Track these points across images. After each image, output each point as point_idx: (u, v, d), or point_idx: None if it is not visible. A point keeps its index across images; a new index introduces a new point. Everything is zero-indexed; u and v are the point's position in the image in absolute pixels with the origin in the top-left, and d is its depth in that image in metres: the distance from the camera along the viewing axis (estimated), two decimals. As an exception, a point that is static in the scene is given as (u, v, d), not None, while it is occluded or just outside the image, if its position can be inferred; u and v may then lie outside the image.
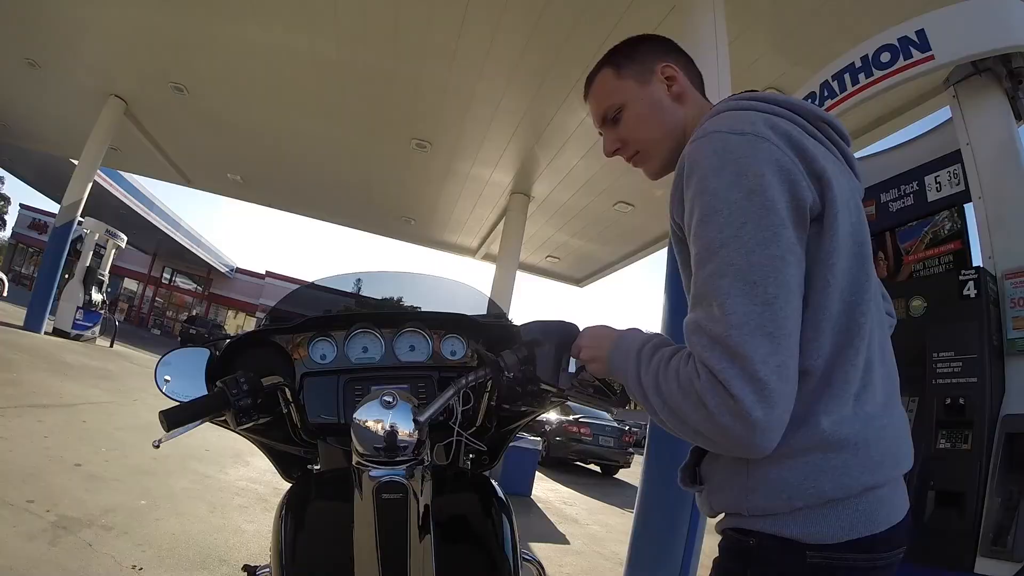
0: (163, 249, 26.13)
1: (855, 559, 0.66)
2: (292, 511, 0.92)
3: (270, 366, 1.04)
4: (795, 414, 0.64)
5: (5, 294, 14.81)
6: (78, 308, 9.64)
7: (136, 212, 18.53)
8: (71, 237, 9.01)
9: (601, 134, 0.94)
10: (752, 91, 0.84)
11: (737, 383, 0.60)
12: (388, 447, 0.74)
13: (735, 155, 0.68)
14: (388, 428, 0.74)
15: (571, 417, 9.73)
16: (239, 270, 30.57)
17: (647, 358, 0.72)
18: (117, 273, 24.29)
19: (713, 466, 0.76)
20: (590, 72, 0.94)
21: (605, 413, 10.19)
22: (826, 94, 2.30)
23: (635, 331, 0.80)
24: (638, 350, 0.74)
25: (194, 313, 28.45)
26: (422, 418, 0.76)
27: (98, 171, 9.84)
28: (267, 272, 30.40)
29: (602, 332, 0.82)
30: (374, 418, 0.74)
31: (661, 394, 0.68)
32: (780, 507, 0.67)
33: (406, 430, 0.75)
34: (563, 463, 9.82)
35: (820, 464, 0.66)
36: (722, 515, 0.76)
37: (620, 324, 1.07)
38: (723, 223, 0.65)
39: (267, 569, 1.05)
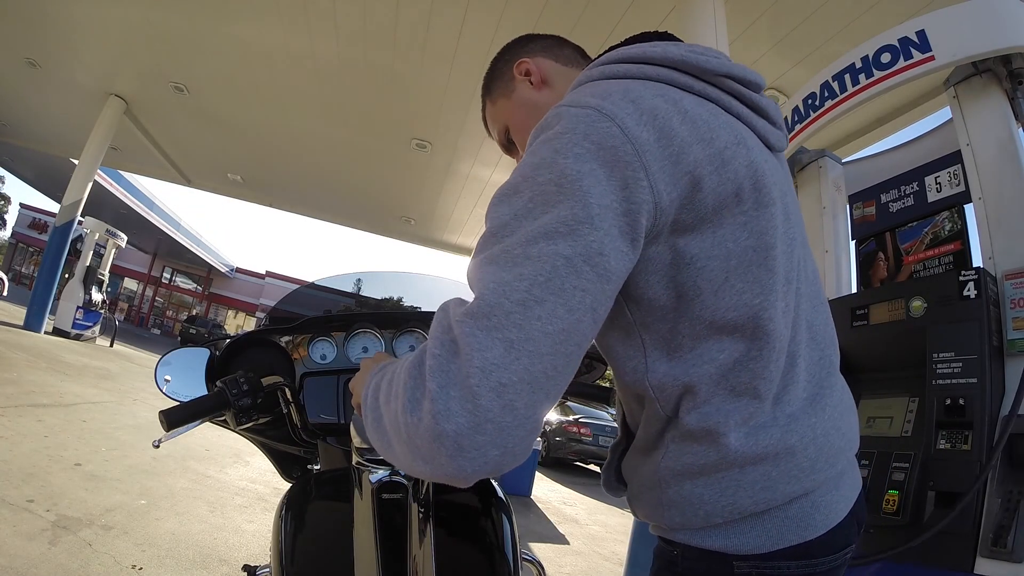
0: (163, 249, 26.16)
1: (788, 566, 0.59)
2: (292, 511, 0.92)
3: (270, 366, 1.04)
4: (697, 429, 0.58)
5: (5, 293, 14.83)
6: (78, 308, 9.65)
7: (136, 212, 18.55)
8: (71, 237, 9.02)
9: None
10: (634, 37, 0.70)
11: (442, 379, 0.47)
12: None
13: (563, 130, 0.54)
14: None
15: (571, 417, 9.73)
16: (239, 270, 30.60)
17: (376, 371, 0.61)
18: (117, 273, 24.32)
19: (631, 472, 0.69)
20: None
21: (605, 414, 10.20)
22: (826, 94, 2.30)
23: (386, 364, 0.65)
24: (378, 368, 0.62)
25: (194, 313, 28.45)
26: None
27: (98, 171, 9.84)
28: (267, 272, 30.44)
29: (376, 359, 0.70)
30: None
31: (369, 397, 0.57)
32: (699, 523, 0.60)
33: None
34: (563, 463, 9.82)
35: (736, 480, 0.58)
36: None
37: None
38: (520, 207, 0.52)
39: (267, 569, 1.05)
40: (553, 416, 9.71)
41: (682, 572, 0.63)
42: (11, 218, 31.39)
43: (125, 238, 11.56)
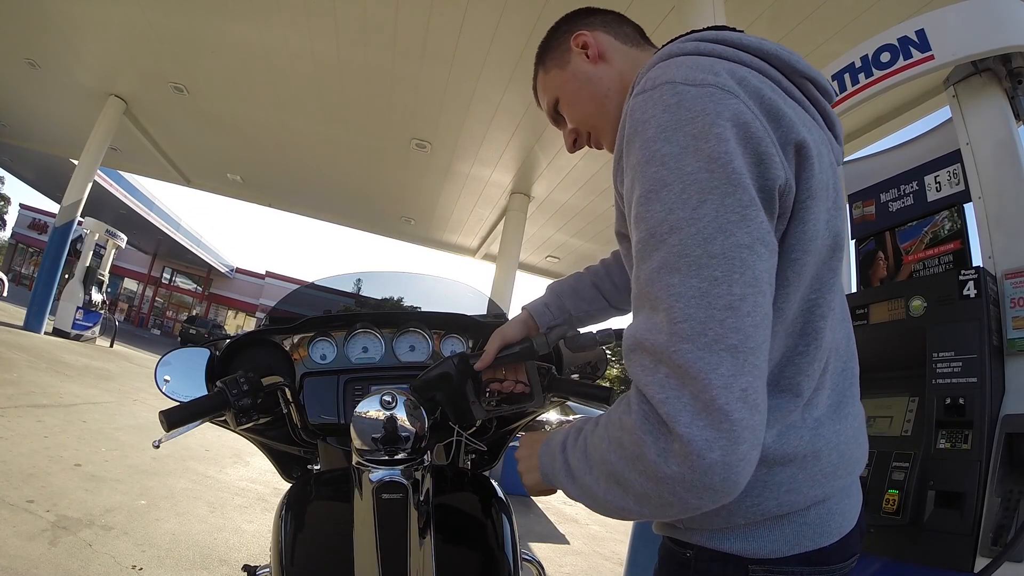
0: (163, 249, 26.15)
1: (802, 571, 0.59)
2: (292, 511, 0.92)
3: (270, 366, 1.04)
4: None
5: (5, 294, 14.82)
6: (78, 308, 9.65)
7: (136, 212, 18.54)
8: (71, 237, 9.01)
9: None
10: (715, 27, 0.70)
11: (685, 416, 0.46)
12: (387, 438, 0.74)
13: (693, 112, 0.52)
14: (387, 418, 0.74)
15: (571, 417, 9.73)
16: (239, 270, 30.59)
17: (572, 440, 0.61)
18: (117, 273, 24.33)
19: None
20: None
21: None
22: (826, 94, 2.31)
23: (561, 429, 0.67)
24: (563, 440, 0.63)
25: (194, 313, 28.46)
26: (417, 383, 0.78)
27: (98, 171, 9.84)
28: (267, 272, 30.43)
29: (533, 438, 0.72)
30: (373, 410, 0.75)
31: (592, 467, 0.55)
32: (718, 523, 0.59)
33: (406, 421, 0.75)
34: (563, 463, 9.80)
35: (763, 480, 0.57)
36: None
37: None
38: (674, 201, 0.51)
39: (267, 569, 1.05)
40: (553, 416, 9.71)
41: (695, 573, 0.62)
42: (11, 218, 31.40)
43: (125, 238, 11.56)
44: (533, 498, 6.25)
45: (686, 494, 0.48)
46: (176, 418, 0.81)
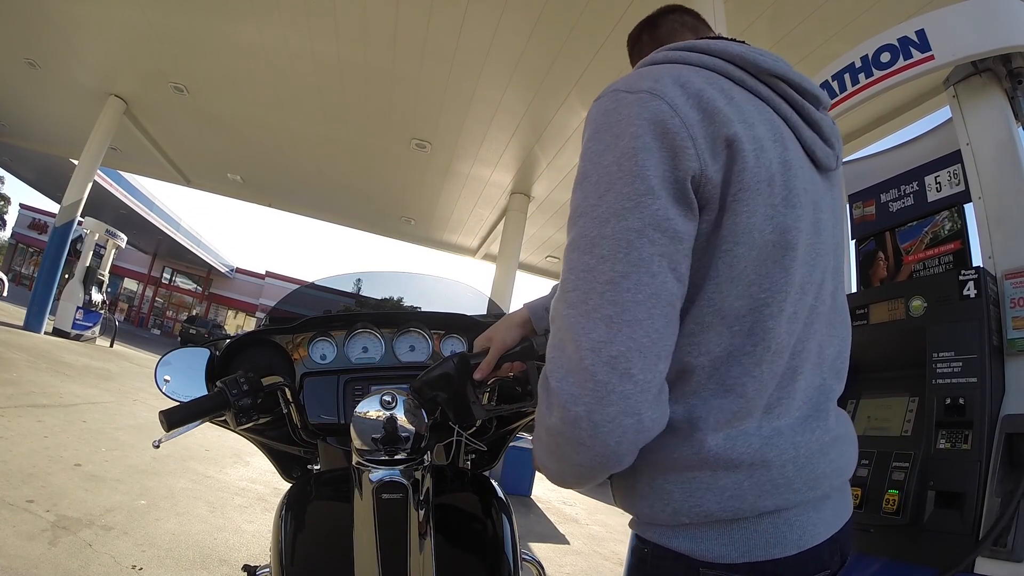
0: (163, 249, 26.15)
1: None
2: (292, 511, 0.92)
3: (270, 366, 1.04)
4: (679, 420, 0.59)
5: (5, 294, 14.83)
6: (78, 308, 9.65)
7: (136, 212, 18.54)
8: (71, 237, 9.01)
9: None
10: (707, 37, 0.77)
11: (559, 372, 0.54)
12: (387, 438, 0.74)
13: (619, 115, 0.59)
14: (387, 418, 0.74)
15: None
16: (239, 270, 30.59)
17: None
18: (117, 273, 24.32)
19: None
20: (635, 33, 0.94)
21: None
22: (826, 94, 2.31)
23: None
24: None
25: (194, 313, 28.46)
26: (417, 383, 0.79)
27: (98, 171, 9.84)
28: (267, 272, 30.43)
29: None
30: (373, 410, 0.75)
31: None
32: (666, 519, 0.60)
33: (406, 421, 0.75)
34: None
35: (705, 483, 0.58)
36: None
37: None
38: (589, 190, 0.58)
39: (267, 569, 1.05)
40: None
41: (650, 571, 0.63)
42: (11, 218, 31.38)
43: (125, 238, 11.56)
44: (533, 498, 6.25)
45: (565, 446, 0.55)
46: (176, 418, 0.81)
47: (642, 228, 0.54)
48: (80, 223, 9.34)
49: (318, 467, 1.15)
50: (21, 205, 28.69)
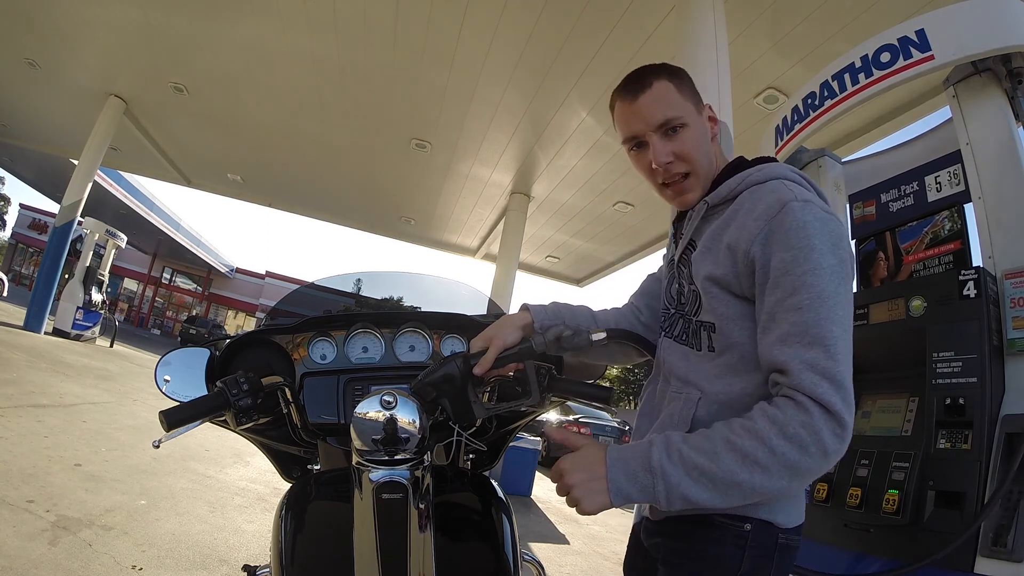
0: (163, 249, 26.14)
1: (799, 541, 0.85)
2: (292, 511, 0.92)
3: (270, 366, 1.03)
4: None
5: (5, 294, 14.83)
6: (78, 308, 9.65)
7: (136, 212, 18.54)
8: (71, 237, 9.01)
9: (635, 143, 0.92)
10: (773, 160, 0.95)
11: (845, 409, 0.70)
12: (388, 439, 0.74)
13: (830, 227, 0.78)
14: (387, 419, 0.74)
15: (571, 417, 9.72)
16: (239, 270, 30.58)
17: (676, 454, 0.74)
18: (117, 273, 24.33)
19: None
20: (637, 76, 0.92)
21: (605, 413, 10.19)
22: (826, 94, 2.30)
23: (622, 447, 0.78)
24: (655, 457, 0.74)
25: (194, 313, 28.45)
26: (418, 384, 0.80)
27: (98, 171, 9.84)
28: (267, 272, 30.43)
29: (585, 461, 0.78)
30: (374, 411, 0.75)
31: (747, 465, 0.71)
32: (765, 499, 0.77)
33: (406, 421, 0.75)
34: (563, 463, 9.78)
35: None
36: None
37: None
38: (827, 279, 0.74)
39: (267, 569, 1.05)
40: (553, 416, 9.71)
41: (751, 544, 0.81)
42: (11, 219, 31.42)
43: (125, 238, 11.56)
44: (533, 498, 6.25)
45: (828, 461, 0.71)
46: (176, 418, 0.81)
47: (852, 313, 0.81)
48: (80, 223, 9.34)
49: (318, 467, 1.15)
50: (21, 205, 28.74)
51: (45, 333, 8.81)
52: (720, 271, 0.84)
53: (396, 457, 0.76)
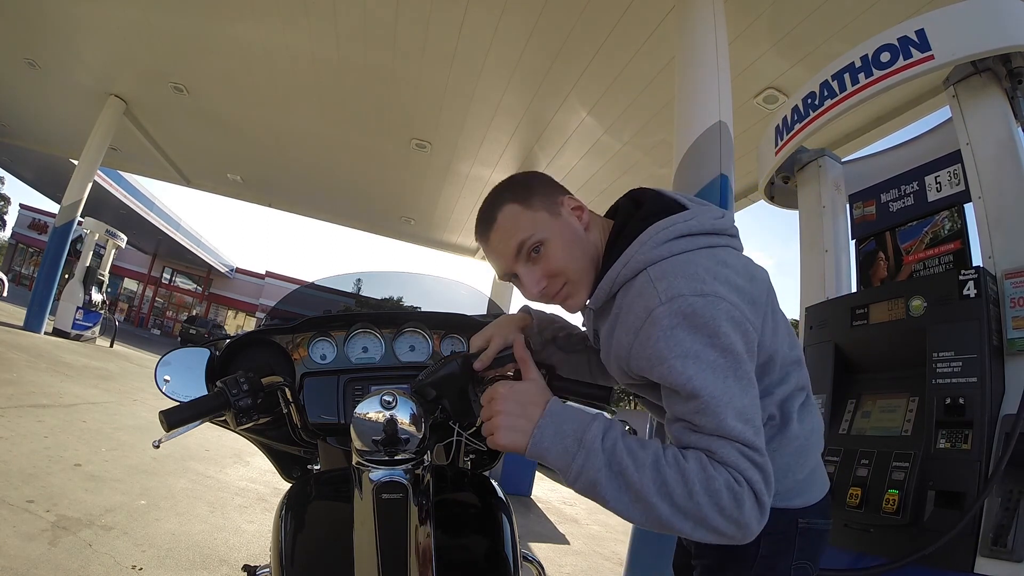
0: (163, 249, 26.14)
1: (824, 524, 0.89)
2: (292, 511, 0.92)
3: (270, 366, 1.03)
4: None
5: (5, 294, 14.83)
6: (78, 308, 9.64)
7: (136, 212, 18.53)
8: (71, 237, 9.01)
9: (511, 278, 0.90)
10: (657, 193, 0.96)
11: (767, 491, 0.69)
12: (388, 439, 0.74)
13: (703, 318, 0.73)
14: (387, 419, 0.74)
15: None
16: (239, 270, 30.58)
17: (610, 442, 0.72)
18: (117, 273, 24.34)
19: None
20: (484, 211, 0.90)
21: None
22: (826, 94, 2.30)
23: (566, 406, 0.76)
24: (592, 435, 0.72)
25: (194, 313, 28.45)
26: (418, 384, 0.80)
27: (98, 171, 9.84)
28: (267, 272, 30.43)
29: (525, 396, 0.76)
30: (374, 411, 0.75)
31: (662, 494, 0.69)
32: (788, 485, 0.85)
33: (406, 421, 0.75)
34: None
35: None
36: None
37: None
38: (713, 378, 0.71)
39: (267, 569, 1.05)
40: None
41: (766, 531, 0.77)
42: (11, 219, 31.41)
43: (125, 238, 11.55)
44: (533, 498, 6.25)
45: (746, 533, 0.70)
46: (176, 418, 0.81)
47: (753, 386, 0.77)
48: (80, 223, 9.34)
49: (318, 467, 1.15)
50: (21, 205, 28.73)
51: (45, 333, 8.80)
52: (626, 380, 0.87)
53: (396, 457, 0.76)
